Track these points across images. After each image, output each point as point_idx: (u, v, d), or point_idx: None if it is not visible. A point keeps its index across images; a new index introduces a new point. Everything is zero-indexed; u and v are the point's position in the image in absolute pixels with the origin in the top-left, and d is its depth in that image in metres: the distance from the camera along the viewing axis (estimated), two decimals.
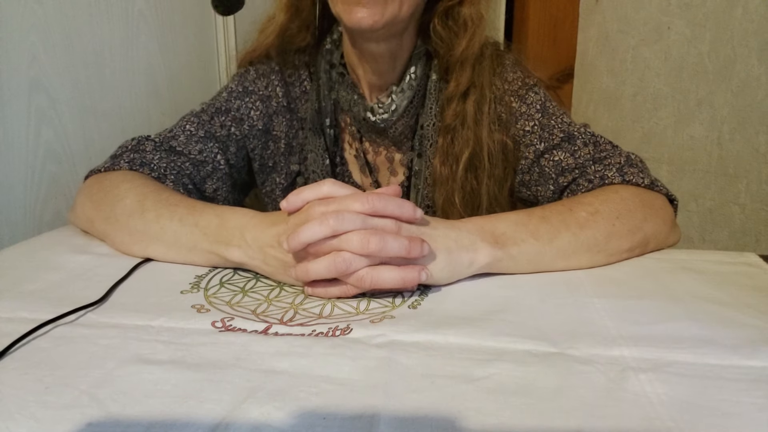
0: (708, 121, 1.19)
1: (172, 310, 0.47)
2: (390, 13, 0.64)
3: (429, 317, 0.46)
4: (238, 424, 0.33)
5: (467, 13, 0.70)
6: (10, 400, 0.35)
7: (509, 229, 0.54)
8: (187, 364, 0.39)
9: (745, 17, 1.09)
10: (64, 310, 0.46)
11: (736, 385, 0.36)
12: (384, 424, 0.33)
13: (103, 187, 0.64)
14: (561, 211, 0.58)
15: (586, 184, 0.67)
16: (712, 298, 0.49)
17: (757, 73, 1.08)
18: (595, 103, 1.47)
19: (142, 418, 0.33)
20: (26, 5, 0.77)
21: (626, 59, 1.36)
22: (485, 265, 0.53)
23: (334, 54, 0.77)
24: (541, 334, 0.43)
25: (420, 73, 0.74)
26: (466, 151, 0.73)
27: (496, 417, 0.33)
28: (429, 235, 0.51)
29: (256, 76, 0.79)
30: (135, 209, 0.59)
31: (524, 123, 0.74)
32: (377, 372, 0.38)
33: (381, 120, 0.74)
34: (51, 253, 0.60)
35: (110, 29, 0.92)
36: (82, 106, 0.88)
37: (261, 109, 0.78)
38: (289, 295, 0.51)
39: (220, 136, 0.76)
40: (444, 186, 0.74)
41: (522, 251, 0.53)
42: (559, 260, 0.55)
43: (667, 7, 1.25)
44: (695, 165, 1.22)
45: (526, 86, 0.75)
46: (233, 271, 0.56)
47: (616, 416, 0.33)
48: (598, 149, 0.70)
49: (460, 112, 0.73)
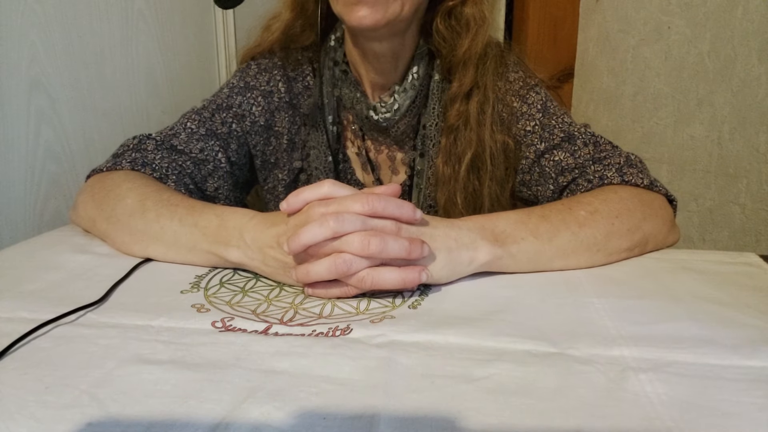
0: (708, 120, 1.19)
1: (172, 310, 0.47)
2: (392, 12, 0.64)
3: (429, 317, 0.46)
4: (238, 424, 0.33)
5: (470, 13, 0.70)
6: (10, 400, 0.35)
7: (509, 227, 0.54)
8: (187, 364, 0.39)
9: (746, 17, 1.09)
10: (64, 310, 0.46)
11: (736, 385, 0.36)
12: (384, 424, 0.33)
13: (104, 186, 0.64)
14: (560, 210, 0.58)
15: (586, 184, 0.67)
16: (712, 298, 0.49)
17: (758, 72, 1.08)
18: (595, 102, 1.47)
19: (142, 418, 0.33)
20: (26, 5, 0.77)
21: (626, 59, 1.36)
22: (485, 263, 0.53)
23: (337, 52, 0.77)
24: (541, 334, 0.43)
25: (422, 72, 0.74)
26: (468, 152, 0.73)
27: (496, 417, 0.33)
28: (429, 235, 0.51)
29: (257, 71, 0.79)
30: (136, 209, 0.59)
31: (525, 123, 0.74)
32: (377, 372, 0.38)
33: (383, 119, 0.74)
34: (51, 253, 0.60)
35: (110, 29, 0.92)
36: (82, 105, 0.88)
37: (263, 105, 0.78)
38: (289, 295, 0.51)
39: (221, 133, 0.75)
40: (446, 186, 0.74)
41: (522, 249, 0.53)
42: (559, 259, 0.55)
43: (667, 6, 1.25)
44: (695, 165, 1.22)
45: (527, 86, 0.75)
46: (233, 271, 0.56)
47: (616, 416, 0.33)
48: (598, 149, 0.70)
49: (463, 112, 0.73)
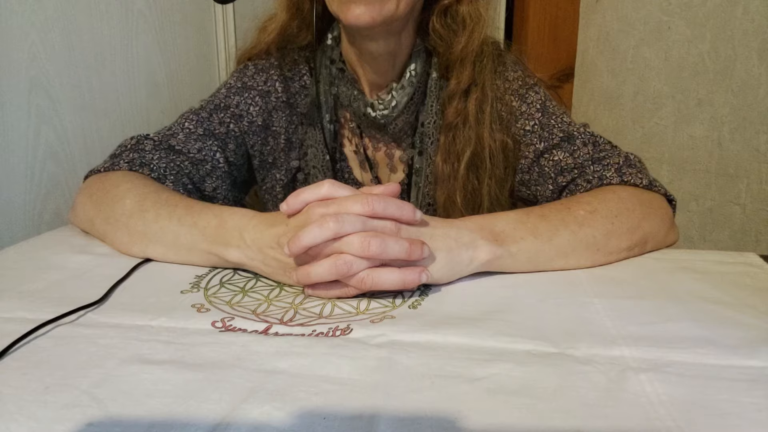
0: (708, 120, 1.19)
1: (172, 310, 0.47)
2: (387, 10, 0.64)
3: (429, 317, 0.46)
4: (238, 424, 0.33)
5: (465, 11, 0.71)
6: (10, 400, 0.35)
7: (508, 227, 0.54)
8: (187, 364, 0.39)
9: (746, 17, 1.09)
10: (64, 310, 0.46)
11: (735, 385, 0.36)
12: (384, 424, 0.33)
13: (103, 187, 0.64)
14: (559, 209, 0.58)
15: (585, 184, 0.67)
16: (712, 298, 0.49)
17: (758, 72, 1.08)
18: (595, 102, 1.47)
19: (142, 418, 0.33)
20: (26, 5, 0.77)
21: (626, 59, 1.36)
22: (485, 263, 0.53)
23: (334, 51, 0.77)
24: (541, 334, 0.43)
25: (420, 70, 0.74)
26: (467, 150, 0.73)
27: (496, 417, 0.33)
28: (429, 235, 0.51)
29: (255, 72, 0.79)
30: (135, 210, 0.59)
31: (524, 122, 0.74)
32: (377, 372, 0.38)
33: (381, 116, 0.74)
34: (51, 253, 0.60)
35: (110, 28, 0.92)
36: (82, 105, 0.88)
37: (260, 105, 0.78)
38: (289, 294, 0.51)
39: (219, 133, 0.75)
40: (445, 184, 0.74)
41: (521, 249, 0.54)
42: (559, 258, 0.55)
43: (667, 6, 1.25)
44: (695, 165, 1.22)
45: (526, 85, 0.75)
46: (233, 271, 0.56)
47: (616, 416, 0.33)
48: (597, 149, 0.70)
49: (461, 110, 0.73)
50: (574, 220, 0.56)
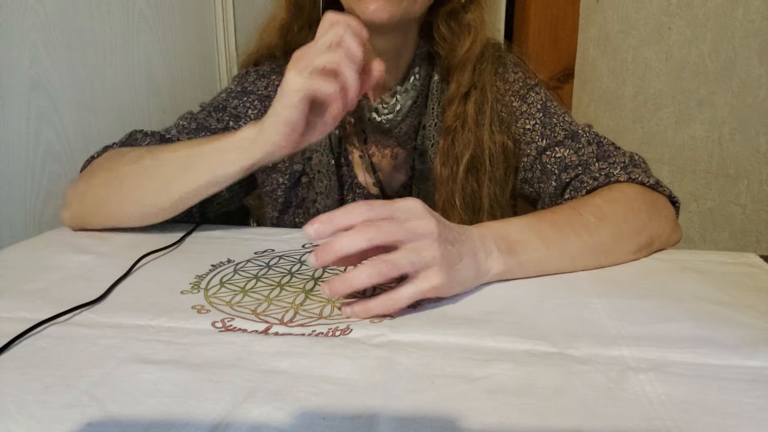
0: (709, 121, 1.19)
1: (172, 310, 0.47)
2: (405, 5, 0.64)
3: (429, 317, 0.46)
4: (238, 424, 0.33)
5: (470, 17, 0.71)
6: (10, 400, 0.35)
7: (522, 236, 0.53)
8: (187, 364, 0.39)
9: (746, 17, 1.09)
10: (63, 309, 0.46)
11: (735, 385, 0.36)
12: (384, 424, 0.33)
13: (92, 166, 0.68)
14: (570, 215, 0.57)
15: (591, 181, 0.66)
16: (712, 298, 0.49)
17: (758, 73, 1.08)
18: (595, 103, 1.47)
19: (142, 418, 0.33)
20: (27, 5, 0.77)
21: (627, 59, 1.36)
22: (499, 273, 0.52)
23: None
24: (541, 334, 0.43)
25: (423, 73, 0.74)
26: (466, 153, 0.73)
27: (496, 417, 0.33)
28: (456, 237, 0.49)
29: (256, 77, 0.80)
30: (137, 156, 0.63)
31: (525, 122, 0.74)
32: (377, 372, 0.38)
33: (386, 120, 0.74)
34: (51, 252, 0.61)
35: (111, 29, 0.92)
36: (82, 105, 0.87)
37: (259, 108, 0.78)
38: (289, 294, 0.51)
39: (215, 129, 0.75)
40: (444, 187, 0.74)
41: (531, 259, 0.53)
42: (566, 264, 0.55)
43: (667, 7, 1.25)
44: (696, 165, 1.22)
45: (527, 86, 0.75)
46: (233, 271, 0.57)
47: (616, 416, 0.33)
48: (602, 148, 0.70)
49: (461, 113, 0.73)
50: (584, 228, 0.56)
